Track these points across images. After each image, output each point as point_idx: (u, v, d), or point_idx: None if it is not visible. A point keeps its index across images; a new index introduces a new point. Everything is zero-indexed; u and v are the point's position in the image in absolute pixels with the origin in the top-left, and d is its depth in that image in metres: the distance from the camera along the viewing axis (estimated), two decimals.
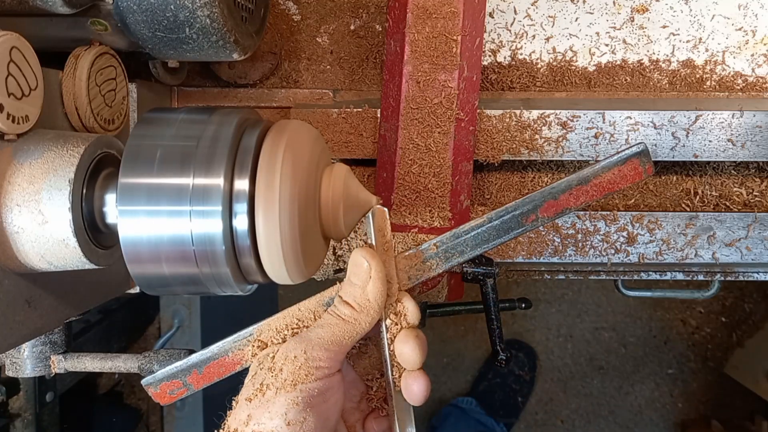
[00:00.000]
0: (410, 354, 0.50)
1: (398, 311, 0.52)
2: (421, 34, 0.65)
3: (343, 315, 0.49)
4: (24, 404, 1.00)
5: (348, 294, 0.50)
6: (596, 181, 0.51)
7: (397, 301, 0.52)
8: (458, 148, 0.67)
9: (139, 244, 0.48)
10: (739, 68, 0.75)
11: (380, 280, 0.49)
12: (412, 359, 0.50)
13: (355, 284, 0.50)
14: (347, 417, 0.54)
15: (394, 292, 0.52)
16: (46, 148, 0.50)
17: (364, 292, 0.49)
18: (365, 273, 0.49)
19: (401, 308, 0.52)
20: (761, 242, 0.74)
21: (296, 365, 0.47)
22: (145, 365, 0.68)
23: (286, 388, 0.46)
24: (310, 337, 0.48)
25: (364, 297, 0.49)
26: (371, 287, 0.49)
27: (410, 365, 0.51)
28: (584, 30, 0.75)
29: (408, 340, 0.50)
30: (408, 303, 0.52)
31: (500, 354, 0.61)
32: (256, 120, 0.53)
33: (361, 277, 0.49)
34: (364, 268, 0.49)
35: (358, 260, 0.49)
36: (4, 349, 0.51)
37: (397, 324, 0.52)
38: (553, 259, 0.75)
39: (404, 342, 0.51)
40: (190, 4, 0.53)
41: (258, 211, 0.47)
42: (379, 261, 0.50)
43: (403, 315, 0.52)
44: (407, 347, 0.50)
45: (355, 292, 0.49)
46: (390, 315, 0.51)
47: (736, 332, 1.72)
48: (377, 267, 0.49)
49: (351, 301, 0.49)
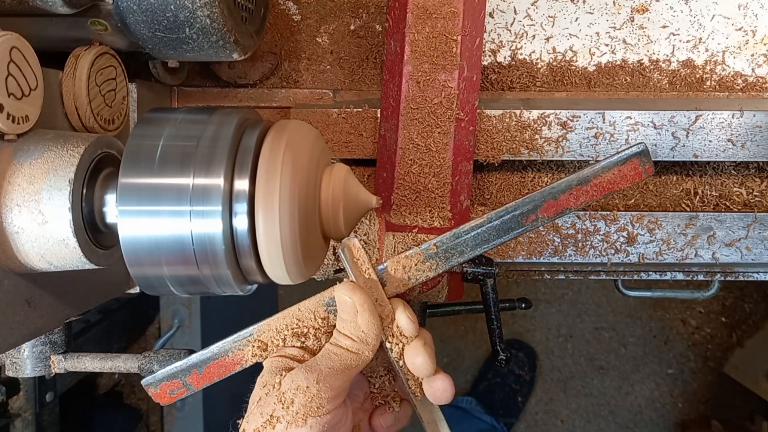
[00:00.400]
0: (422, 365, 0.51)
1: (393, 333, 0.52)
2: (421, 34, 0.65)
3: (345, 346, 0.50)
4: (24, 404, 1.00)
5: (344, 328, 0.50)
6: (596, 181, 0.51)
7: (392, 322, 0.52)
8: (458, 148, 0.67)
9: (139, 244, 0.48)
10: (739, 68, 0.75)
11: (367, 311, 0.49)
12: (425, 369, 0.51)
13: (345, 320, 0.50)
14: (353, 417, 0.54)
15: (387, 313, 0.52)
16: (46, 148, 0.50)
17: (356, 325, 0.50)
18: (351, 309, 0.50)
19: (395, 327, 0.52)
20: (761, 242, 0.74)
21: (308, 397, 0.46)
22: (145, 365, 0.68)
23: (298, 422, 0.46)
24: (320, 368, 0.48)
25: (358, 330, 0.50)
26: (361, 320, 0.49)
27: (426, 374, 0.52)
28: (584, 30, 0.75)
29: (416, 354, 0.51)
30: (401, 319, 0.52)
31: (500, 354, 0.61)
32: (256, 120, 0.53)
33: (349, 313, 0.50)
34: (349, 305, 0.50)
35: (342, 298, 0.50)
36: (4, 349, 0.51)
37: (397, 344, 0.52)
38: (553, 259, 0.75)
39: (413, 356, 0.51)
40: (190, 4, 0.53)
41: (258, 211, 0.47)
42: (362, 293, 0.50)
43: (400, 333, 0.52)
44: (417, 360, 0.51)
45: (348, 326, 0.50)
46: (389, 337, 0.52)
47: (736, 332, 1.72)
48: (360, 300, 0.49)
49: (349, 333, 0.50)
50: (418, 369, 0.51)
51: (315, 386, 0.47)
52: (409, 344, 0.52)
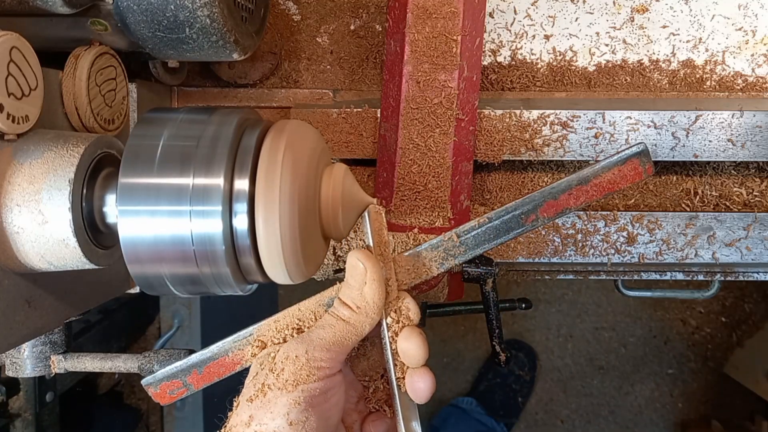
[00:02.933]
0: (414, 351, 0.50)
1: (399, 309, 0.51)
2: (421, 34, 0.65)
3: (343, 316, 0.49)
4: (24, 404, 1.00)
5: (346, 296, 0.50)
6: (596, 181, 0.51)
7: (396, 299, 0.51)
8: (458, 148, 0.67)
9: (139, 244, 0.48)
10: (739, 68, 0.75)
11: (377, 281, 0.49)
12: (416, 356, 0.50)
13: (352, 286, 0.49)
14: (345, 418, 0.54)
15: (393, 290, 0.51)
16: (46, 148, 0.50)
17: (361, 293, 0.49)
18: (361, 275, 0.49)
19: (402, 306, 0.51)
20: (761, 242, 0.74)
21: (298, 365, 0.47)
22: (145, 365, 0.68)
23: (288, 388, 0.46)
24: (311, 338, 0.48)
25: (362, 299, 0.49)
26: (368, 289, 0.49)
27: (414, 362, 0.51)
28: (584, 30, 0.75)
29: (411, 337, 0.50)
30: (409, 301, 0.51)
31: (500, 354, 0.61)
32: (256, 120, 0.53)
33: (357, 280, 0.49)
34: (359, 270, 0.49)
35: (354, 262, 0.49)
36: (4, 349, 0.51)
37: (398, 322, 0.51)
38: (553, 259, 0.75)
39: (407, 339, 0.50)
40: (190, 4, 0.53)
41: (258, 211, 0.47)
42: (375, 262, 0.49)
43: (404, 313, 0.51)
44: (411, 344, 0.50)
45: (353, 293, 0.49)
46: (390, 313, 0.51)
47: (736, 332, 1.72)
48: (373, 268, 0.49)
49: (350, 303, 0.49)
50: (408, 354, 0.50)
51: (304, 355, 0.47)
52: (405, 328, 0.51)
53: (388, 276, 0.51)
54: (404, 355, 0.51)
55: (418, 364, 0.51)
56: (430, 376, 0.51)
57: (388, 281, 0.51)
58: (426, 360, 0.51)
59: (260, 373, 0.48)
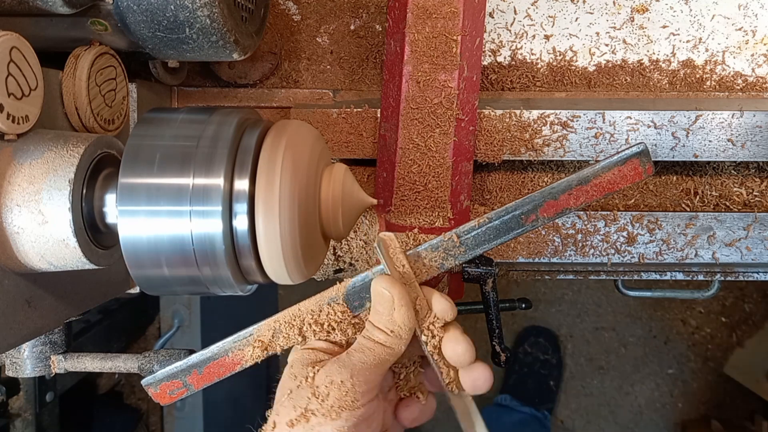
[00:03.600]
0: (465, 352, 0.50)
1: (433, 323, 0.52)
2: (421, 34, 0.65)
3: (379, 339, 0.49)
4: (24, 404, 1.00)
5: (378, 321, 0.50)
6: (596, 181, 0.51)
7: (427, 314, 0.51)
8: (458, 148, 0.67)
9: (139, 244, 0.48)
10: (739, 68, 0.75)
11: (405, 306, 0.49)
12: (468, 355, 0.51)
13: (381, 313, 0.49)
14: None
15: (423, 307, 0.51)
16: (46, 148, 0.50)
17: (392, 319, 0.49)
18: (389, 302, 0.49)
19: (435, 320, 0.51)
20: (761, 242, 0.74)
21: (342, 391, 0.46)
22: (145, 365, 0.68)
23: (332, 415, 0.46)
24: (353, 362, 0.48)
25: (394, 323, 0.49)
26: (398, 315, 0.49)
27: (468, 361, 0.51)
28: (584, 30, 0.75)
29: (459, 341, 0.50)
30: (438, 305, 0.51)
31: (500, 354, 0.61)
32: (256, 120, 0.53)
33: (386, 307, 0.49)
34: (386, 298, 0.49)
35: (379, 290, 0.49)
36: (4, 349, 0.51)
37: (434, 336, 0.52)
38: (553, 259, 0.75)
39: (456, 343, 0.51)
40: (190, 4, 0.53)
41: (258, 211, 0.47)
42: (400, 287, 0.49)
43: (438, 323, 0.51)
44: (460, 347, 0.50)
45: (383, 319, 0.49)
46: (424, 330, 0.51)
47: (736, 332, 1.72)
48: (399, 294, 0.49)
49: (383, 327, 0.49)
50: (460, 357, 0.51)
51: (349, 381, 0.47)
52: (447, 334, 0.51)
53: (415, 295, 0.51)
54: (455, 359, 0.51)
55: (471, 362, 0.51)
56: (483, 364, 0.51)
57: (416, 299, 0.51)
58: (474, 356, 0.51)
59: (297, 393, 0.47)
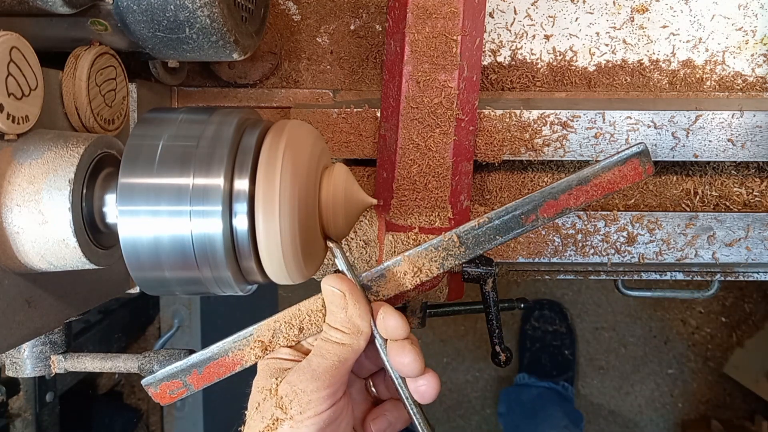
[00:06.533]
0: (407, 365, 0.50)
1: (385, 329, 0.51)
2: (421, 34, 0.65)
3: (336, 339, 0.49)
4: (24, 404, 1.00)
5: (333, 320, 0.50)
6: (596, 181, 0.51)
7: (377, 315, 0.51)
8: (458, 148, 0.67)
9: (139, 244, 0.48)
10: (739, 68, 0.75)
11: (358, 301, 0.50)
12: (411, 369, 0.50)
13: (335, 312, 0.50)
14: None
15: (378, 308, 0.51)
16: (46, 148, 0.50)
17: (347, 315, 0.50)
18: (340, 299, 0.50)
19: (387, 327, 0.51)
20: (761, 242, 0.74)
21: (305, 399, 0.47)
22: (145, 365, 0.68)
23: (298, 426, 0.47)
24: (313, 368, 0.48)
25: (350, 320, 0.49)
26: (351, 310, 0.49)
27: (411, 374, 0.51)
28: (584, 30, 0.75)
29: (399, 353, 0.50)
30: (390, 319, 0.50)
31: (500, 354, 0.61)
32: (256, 120, 0.53)
33: (338, 304, 0.50)
34: (337, 296, 0.50)
35: (329, 290, 0.50)
36: (4, 349, 0.51)
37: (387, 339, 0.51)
38: (553, 259, 0.75)
39: (397, 355, 0.50)
40: (190, 4, 0.53)
41: (258, 211, 0.47)
42: (349, 282, 0.50)
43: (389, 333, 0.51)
44: (407, 359, 0.50)
45: (338, 317, 0.50)
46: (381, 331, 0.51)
47: (736, 332, 1.72)
48: (349, 289, 0.50)
49: (339, 326, 0.50)
50: (403, 368, 0.50)
51: (310, 386, 0.47)
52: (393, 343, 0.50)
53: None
54: (401, 369, 0.51)
55: (416, 374, 0.50)
56: (431, 375, 0.51)
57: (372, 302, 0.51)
58: (422, 368, 0.50)
59: (263, 405, 0.48)
